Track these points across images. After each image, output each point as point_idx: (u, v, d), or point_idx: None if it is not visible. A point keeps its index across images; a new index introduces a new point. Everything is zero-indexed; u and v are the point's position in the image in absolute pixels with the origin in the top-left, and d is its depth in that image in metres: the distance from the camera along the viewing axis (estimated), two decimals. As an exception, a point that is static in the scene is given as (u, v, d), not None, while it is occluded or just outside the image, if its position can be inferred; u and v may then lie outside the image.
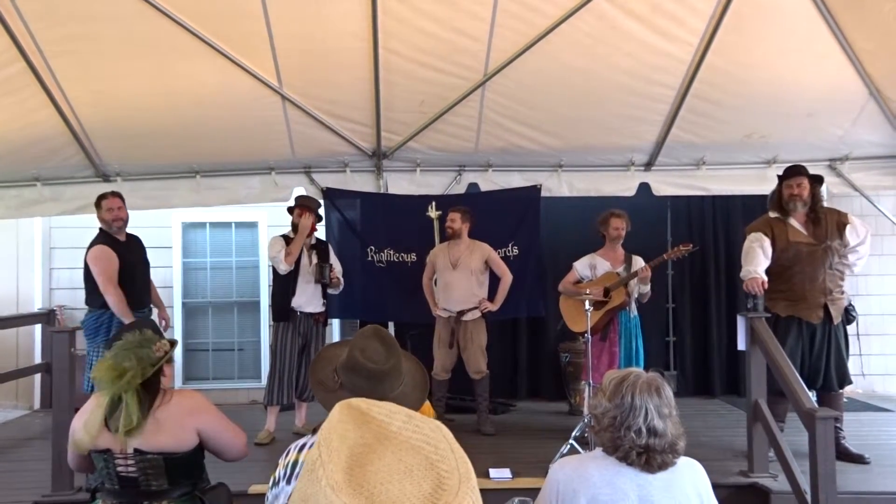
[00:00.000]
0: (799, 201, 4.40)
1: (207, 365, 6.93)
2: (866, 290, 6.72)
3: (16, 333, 6.61)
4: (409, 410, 0.97)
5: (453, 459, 0.88)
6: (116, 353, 2.37)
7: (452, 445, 0.90)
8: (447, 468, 0.86)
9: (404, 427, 0.93)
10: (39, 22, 4.27)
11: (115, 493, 2.40)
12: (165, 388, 2.46)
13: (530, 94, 5.09)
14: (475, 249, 5.30)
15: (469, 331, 5.23)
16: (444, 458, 0.88)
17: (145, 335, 2.44)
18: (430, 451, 0.89)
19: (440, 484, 0.84)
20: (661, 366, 6.48)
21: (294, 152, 5.61)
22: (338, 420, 0.93)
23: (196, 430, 2.42)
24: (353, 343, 1.72)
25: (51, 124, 5.04)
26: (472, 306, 5.23)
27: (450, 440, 0.92)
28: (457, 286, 5.24)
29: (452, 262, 5.27)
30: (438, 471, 0.86)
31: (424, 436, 0.91)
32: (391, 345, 1.71)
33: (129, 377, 2.31)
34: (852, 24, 4.49)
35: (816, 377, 4.33)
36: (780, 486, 3.80)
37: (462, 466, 0.87)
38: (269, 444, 4.92)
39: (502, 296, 5.29)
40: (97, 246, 4.64)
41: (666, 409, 1.85)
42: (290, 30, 4.48)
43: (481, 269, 5.29)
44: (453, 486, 0.83)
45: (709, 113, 5.25)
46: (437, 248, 5.49)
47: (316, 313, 5.16)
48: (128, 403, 2.30)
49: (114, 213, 4.69)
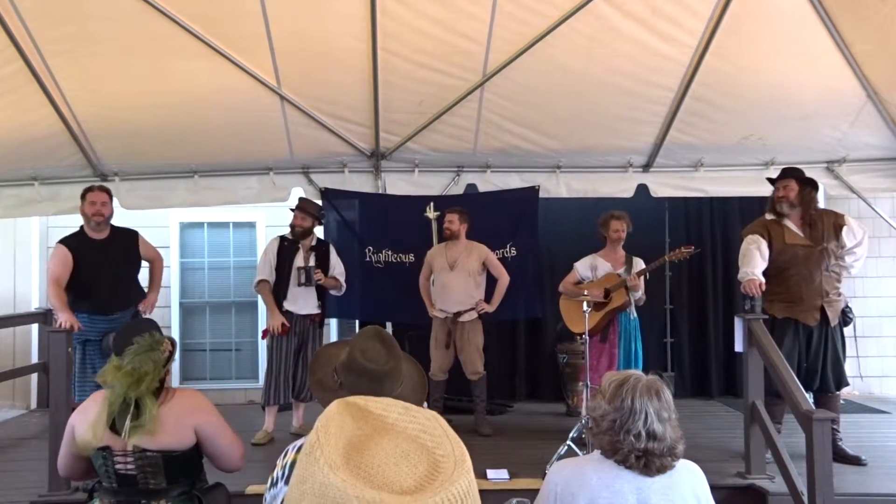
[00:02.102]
0: (785, 203, 4.43)
1: (204, 365, 6.92)
2: (863, 292, 6.73)
3: (12, 333, 6.59)
4: (405, 403, 0.98)
5: (449, 445, 0.90)
6: (133, 359, 2.37)
7: (448, 432, 0.92)
8: (443, 452, 0.88)
9: (401, 418, 0.95)
10: (37, 21, 4.27)
11: (113, 492, 2.40)
12: (167, 387, 2.47)
13: (529, 96, 5.09)
14: (473, 250, 5.29)
15: (466, 332, 5.23)
16: (439, 444, 0.90)
17: (154, 337, 2.45)
18: (427, 438, 0.91)
19: (436, 466, 0.86)
20: (658, 367, 6.48)
21: (292, 152, 5.60)
22: (335, 412, 0.94)
23: (193, 429, 2.42)
24: (354, 343, 1.72)
25: (48, 124, 5.03)
26: (468, 307, 5.23)
27: (444, 427, 0.94)
28: (454, 287, 5.24)
29: (450, 262, 5.27)
30: (434, 455, 0.88)
31: (420, 425, 0.93)
32: (391, 346, 1.71)
33: (149, 381, 2.33)
34: (850, 26, 4.50)
35: (813, 379, 4.34)
36: (777, 488, 3.80)
37: (457, 450, 0.89)
38: (267, 444, 4.92)
39: (499, 297, 5.29)
40: (57, 243, 4.56)
41: (665, 412, 1.85)
42: (288, 30, 4.47)
43: (479, 270, 5.29)
44: (448, 468, 0.85)
45: (707, 115, 5.25)
46: (435, 248, 5.49)
47: (311, 314, 5.16)
48: (147, 407, 2.32)
49: (95, 208, 4.49)
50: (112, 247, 4.61)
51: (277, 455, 1.47)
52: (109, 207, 4.61)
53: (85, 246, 4.52)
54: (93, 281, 4.47)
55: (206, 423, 2.44)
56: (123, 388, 2.32)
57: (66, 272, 4.42)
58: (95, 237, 4.57)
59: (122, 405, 2.34)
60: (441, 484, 0.82)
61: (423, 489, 0.81)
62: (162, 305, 6.51)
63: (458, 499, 0.81)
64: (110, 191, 4.71)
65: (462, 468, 0.85)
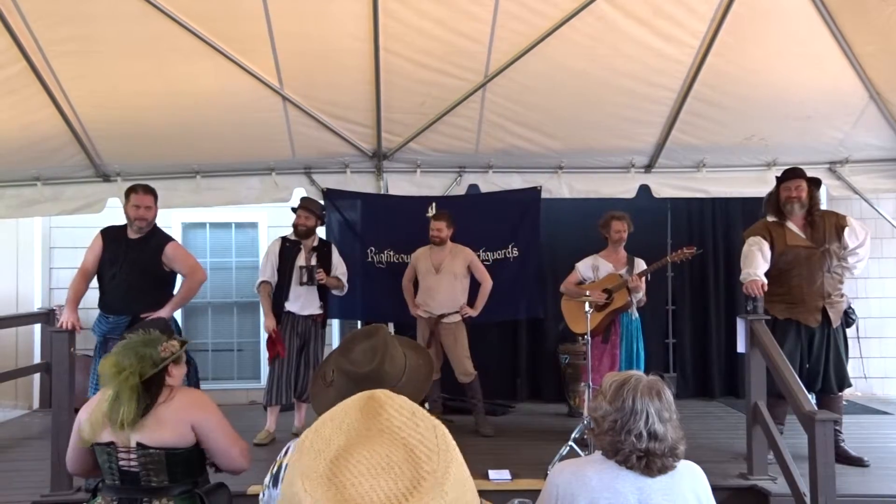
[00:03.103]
0: (797, 203, 4.41)
1: (207, 365, 6.91)
2: (866, 293, 6.73)
3: (15, 333, 6.60)
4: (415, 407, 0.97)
5: (437, 460, 0.87)
6: (119, 351, 2.43)
7: (441, 447, 0.89)
8: (429, 469, 0.86)
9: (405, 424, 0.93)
10: (40, 22, 4.27)
11: (116, 489, 2.42)
12: (171, 387, 2.48)
13: (531, 96, 5.09)
14: (458, 254, 5.31)
15: (451, 334, 5.23)
16: (429, 459, 0.87)
17: (151, 335, 2.48)
18: (421, 450, 0.88)
19: (416, 485, 0.84)
20: (660, 368, 6.48)
21: (294, 153, 5.61)
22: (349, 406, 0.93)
23: (191, 426, 2.43)
24: (343, 342, 1.72)
25: (51, 124, 5.04)
26: (453, 310, 5.24)
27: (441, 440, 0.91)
28: (439, 290, 5.25)
29: (435, 265, 5.28)
30: (420, 471, 0.85)
31: (421, 435, 0.91)
32: (378, 347, 1.64)
33: (126, 374, 2.35)
34: (853, 26, 4.50)
35: (816, 380, 4.33)
36: (779, 489, 3.80)
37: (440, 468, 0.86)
38: (269, 444, 4.93)
39: (482, 301, 5.30)
40: (99, 231, 4.50)
41: (667, 412, 1.85)
42: (290, 30, 4.48)
43: (464, 273, 5.32)
44: (426, 489, 0.83)
45: (709, 115, 5.25)
46: (420, 251, 5.48)
47: (314, 315, 5.16)
48: (123, 399, 2.34)
49: (139, 212, 4.35)
50: (136, 250, 4.40)
51: (277, 455, 1.48)
52: (154, 210, 4.44)
53: (117, 241, 4.42)
54: (107, 278, 4.41)
55: (203, 421, 2.45)
56: (108, 378, 2.37)
57: (95, 261, 4.39)
58: (131, 235, 4.44)
59: (114, 397, 2.37)
60: None
61: None
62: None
63: None
64: (155, 192, 4.51)
65: (438, 490, 0.83)
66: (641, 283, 4.96)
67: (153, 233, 4.49)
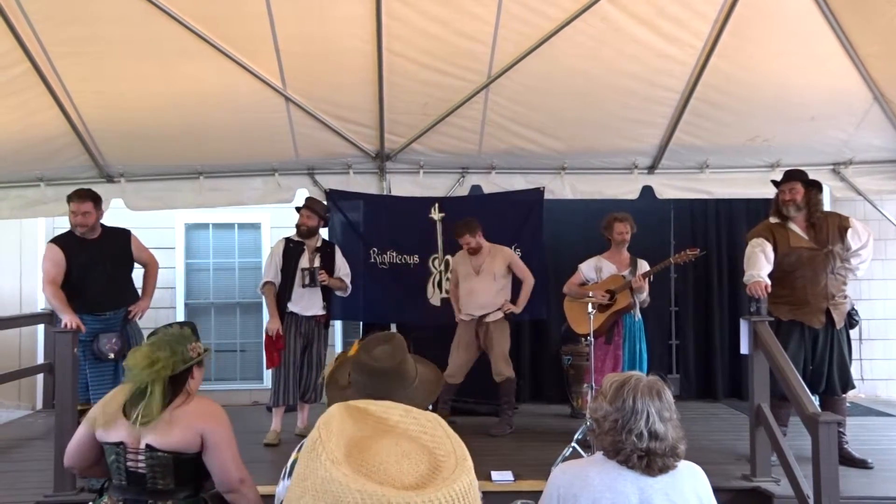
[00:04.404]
0: (792, 206, 4.42)
1: (210, 366, 6.91)
2: (869, 294, 6.71)
3: (18, 333, 6.62)
4: (406, 406, 1.00)
5: (450, 445, 0.91)
6: (153, 342, 2.42)
7: (449, 433, 0.94)
8: (444, 452, 0.90)
9: (401, 420, 0.97)
10: (44, 23, 4.28)
11: (122, 489, 2.42)
12: (190, 391, 2.47)
13: (534, 97, 5.09)
14: (497, 254, 5.32)
15: (492, 334, 5.25)
16: (440, 445, 0.91)
17: (184, 332, 2.48)
18: (427, 439, 0.92)
19: (437, 465, 0.87)
20: (664, 369, 6.47)
21: (297, 154, 5.61)
22: (336, 413, 0.95)
23: (200, 434, 2.41)
24: (363, 343, 1.79)
25: (55, 125, 5.05)
26: (494, 309, 5.24)
27: (445, 429, 0.95)
28: (480, 291, 5.27)
29: (475, 268, 5.30)
30: (435, 455, 0.89)
31: (421, 426, 0.95)
32: (398, 347, 1.76)
33: (160, 367, 2.34)
34: (857, 28, 4.49)
35: (819, 381, 4.32)
36: (782, 491, 3.79)
37: (459, 450, 0.91)
38: (278, 445, 4.94)
39: (525, 298, 5.31)
40: (48, 243, 4.55)
41: (667, 412, 1.86)
42: (294, 32, 4.48)
43: (504, 272, 5.32)
44: (450, 467, 0.86)
45: (712, 116, 5.24)
46: (459, 255, 5.49)
47: (317, 315, 5.16)
48: (153, 392, 2.33)
49: (77, 219, 4.44)
50: (104, 246, 4.55)
51: (285, 457, 1.49)
52: (93, 216, 4.49)
53: (76, 245, 4.48)
54: (84, 280, 4.44)
55: (213, 432, 2.42)
56: (138, 370, 2.34)
57: (60, 272, 4.40)
58: (88, 237, 4.52)
59: (137, 391, 2.36)
60: (443, 481, 0.82)
61: (425, 486, 0.82)
62: (167, 306, 6.56)
63: (460, 496, 0.82)
64: (95, 195, 4.56)
65: (463, 467, 0.86)
66: (644, 284, 4.96)
67: (107, 229, 4.65)
